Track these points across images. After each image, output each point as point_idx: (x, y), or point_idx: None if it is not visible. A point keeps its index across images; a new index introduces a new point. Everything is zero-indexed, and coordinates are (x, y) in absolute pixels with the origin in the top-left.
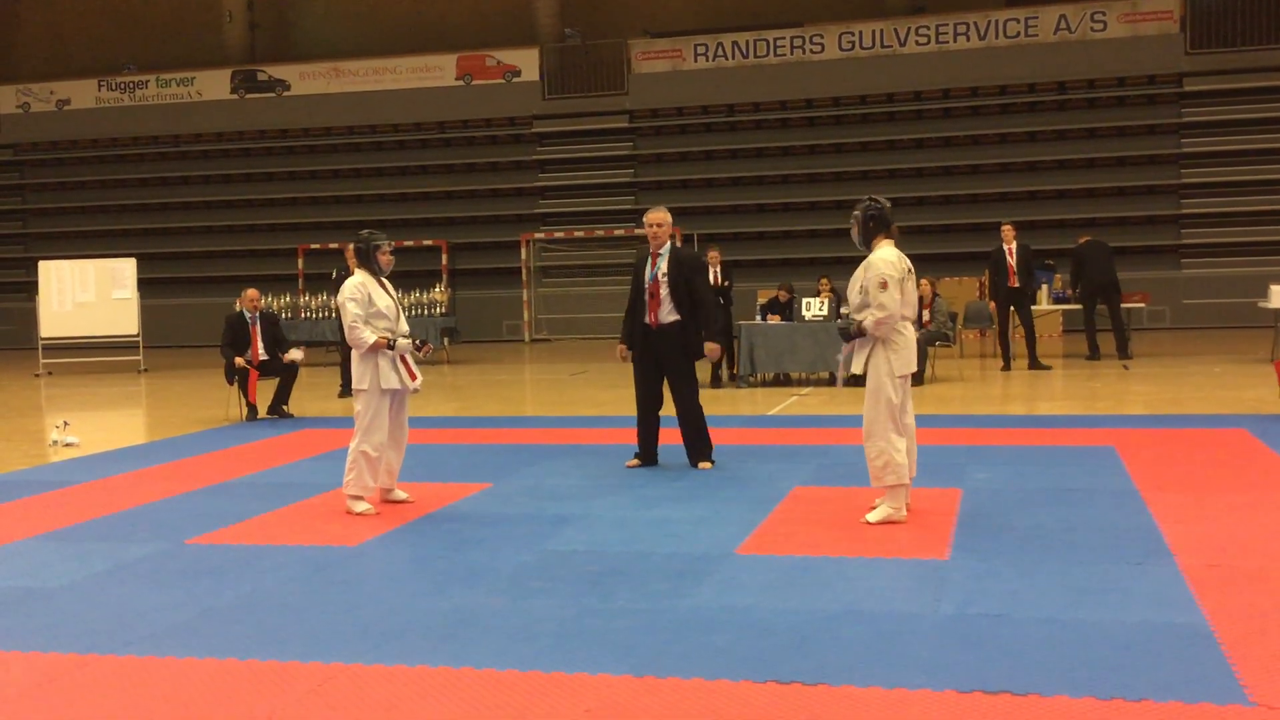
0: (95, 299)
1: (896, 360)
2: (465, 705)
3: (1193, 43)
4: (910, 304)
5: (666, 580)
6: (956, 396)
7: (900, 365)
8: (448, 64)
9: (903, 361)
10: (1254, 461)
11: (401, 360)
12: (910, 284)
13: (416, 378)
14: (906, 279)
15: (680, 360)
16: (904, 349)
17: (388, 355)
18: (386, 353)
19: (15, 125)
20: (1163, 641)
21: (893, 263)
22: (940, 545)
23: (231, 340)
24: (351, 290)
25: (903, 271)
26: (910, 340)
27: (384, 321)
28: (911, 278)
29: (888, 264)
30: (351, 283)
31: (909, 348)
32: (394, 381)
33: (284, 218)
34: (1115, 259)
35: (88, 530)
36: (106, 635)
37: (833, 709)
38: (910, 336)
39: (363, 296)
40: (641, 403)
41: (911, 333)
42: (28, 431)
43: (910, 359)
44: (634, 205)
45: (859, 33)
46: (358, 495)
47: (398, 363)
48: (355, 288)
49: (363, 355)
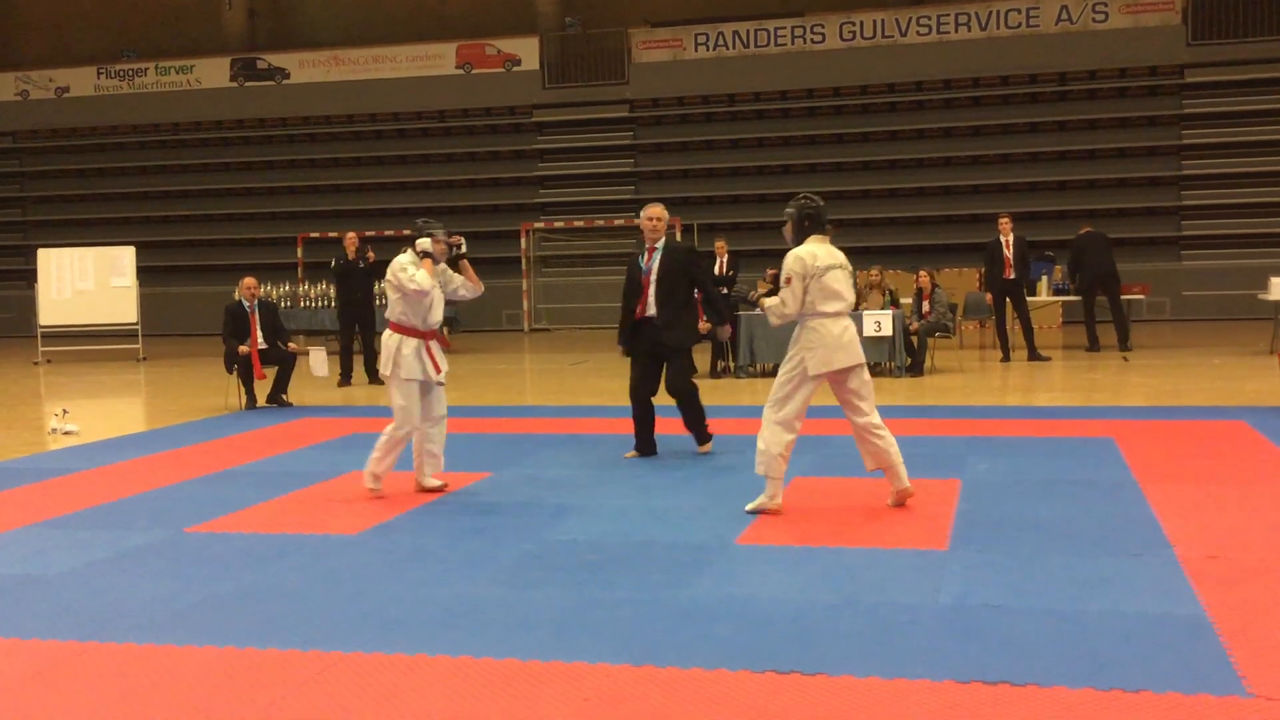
0: (94, 287)
1: (813, 359)
2: (464, 694)
3: (1194, 34)
4: (836, 297)
5: (666, 570)
6: (956, 387)
7: (817, 364)
8: (448, 53)
9: (817, 360)
10: (1253, 454)
11: (427, 351)
12: (835, 277)
13: (441, 370)
14: (828, 274)
15: (675, 346)
16: (819, 348)
17: (411, 344)
18: (410, 341)
19: (14, 113)
20: (1161, 633)
21: (802, 259)
22: (939, 536)
23: (233, 330)
24: (406, 260)
25: (818, 269)
26: (826, 338)
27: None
28: (839, 272)
29: (798, 260)
30: (404, 257)
31: (825, 346)
32: (417, 372)
33: (283, 206)
34: (1115, 250)
35: (87, 518)
36: (106, 623)
37: (831, 699)
38: (826, 334)
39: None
40: (634, 393)
41: (831, 329)
42: (27, 419)
43: (828, 358)
44: (634, 195)
45: (860, 23)
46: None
47: (423, 354)
48: (409, 259)
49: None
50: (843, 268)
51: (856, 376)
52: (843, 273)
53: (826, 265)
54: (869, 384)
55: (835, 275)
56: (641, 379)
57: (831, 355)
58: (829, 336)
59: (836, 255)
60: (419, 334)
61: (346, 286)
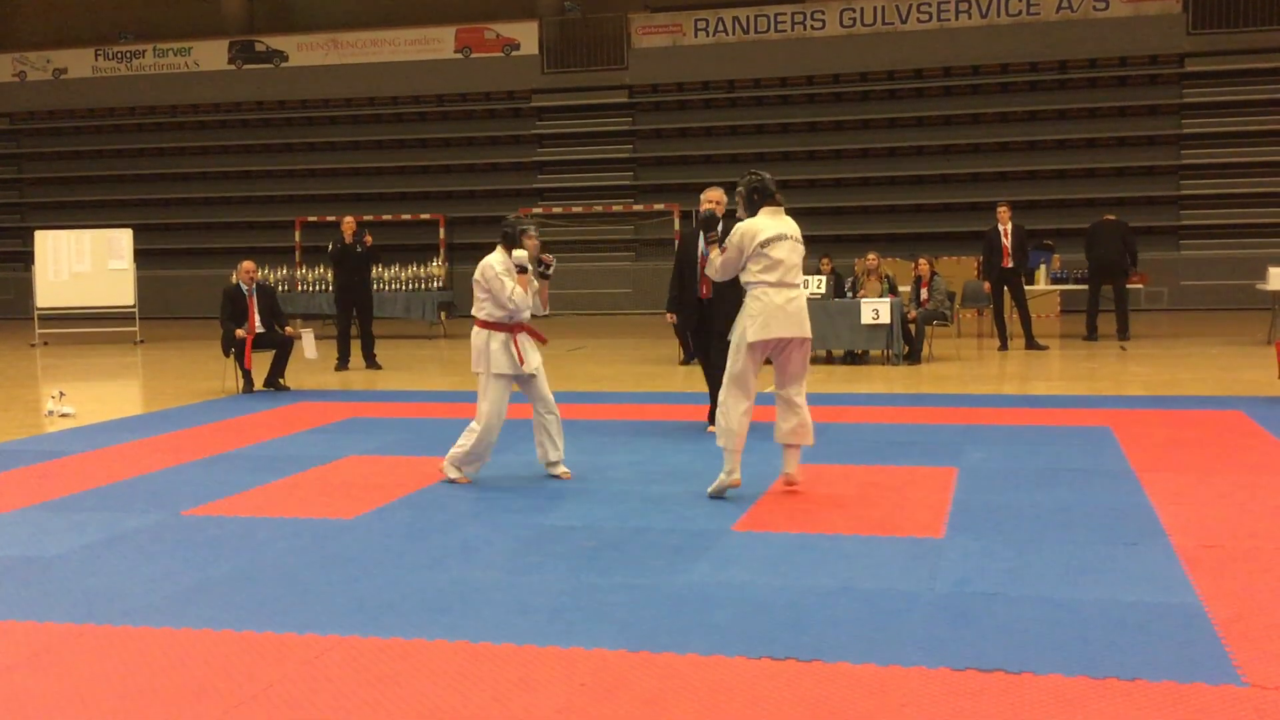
0: (91, 269)
1: (751, 326)
2: (461, 678)
3: (1195, 23)
4: (775, 266)
5: (663, 556)
6: (953, 376)
7: (755, 332)
8: (446, 36)
9: (758, 327)
10: (1250, 443)
11: (514, 344)
12: (780, 247)
13: (525, 361)
14: (771, 244)
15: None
16: (759, 316)
17: (499, 339)
18: (498, 336)
19: (11, 94)
20: (1157, 621)
21: (744, 231)
22: (936, 524)
23: (230, 313)
24: (500, 265)
25: (761, 240)
26: (768, 306)
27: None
28: (787, 242)
29: (739, 231)
30: (496, 259)
31: (766, 314)
32: (507, 367)
33: (281, 190)
34: (1131, 239)
35: (84, 500)
36: (103, 605)
37: (827, 685)
38: (769, 303)
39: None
40: (712, 376)
41: (774, 298)
42: (24, 401)
43: (768, 324)
44: (633, 181)
45: (860, 9)
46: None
47: (510, 347)
48: (502, 264)
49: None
50: (791, 238)
51: (798, 352)
52: (790, 243)
53: (771, 236)
54: (807, 365)
55: (780, 246)
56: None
57: (769, 323)
58: (771, 305)
59: (785, 226)
60: (507, 328)
61: (344, 270)
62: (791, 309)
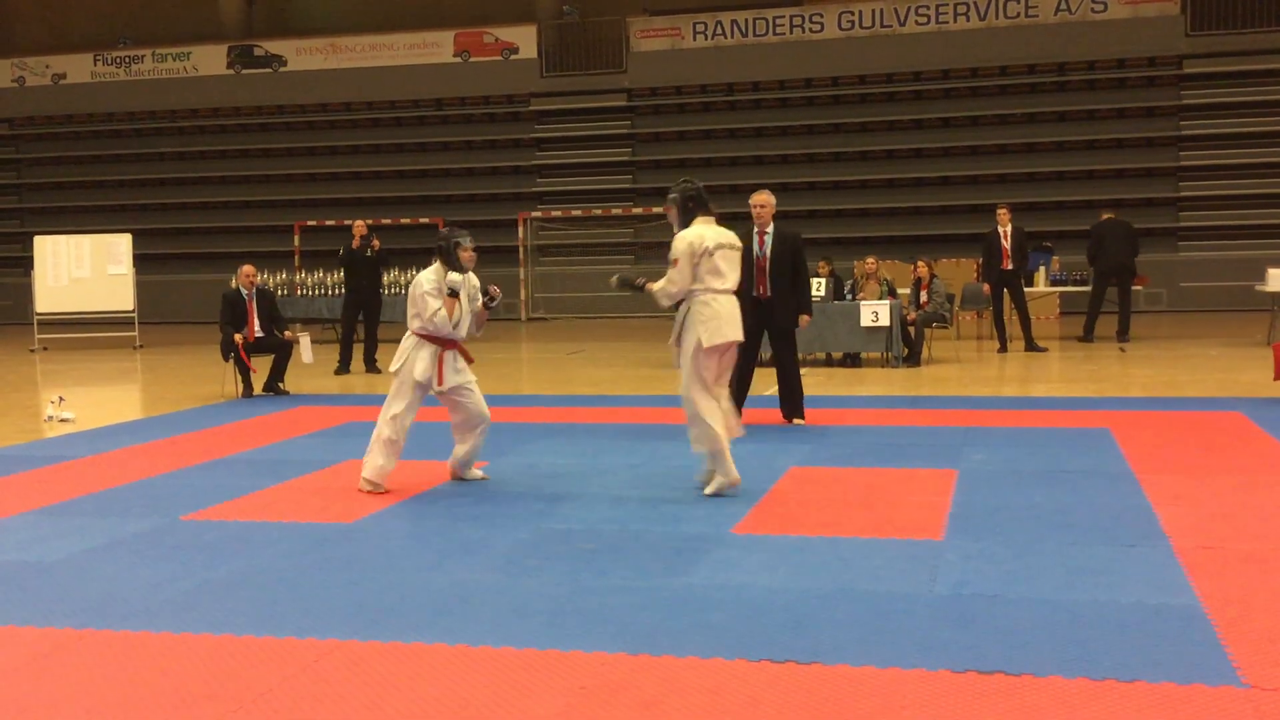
0: (91, 274)
1: (705, 332)
2: (460, 682)
3: (1193, 25)
4: (721, 274)
5: (662, 559)
6: (953, 378)
7: (709, 337)
8: (445, 40)
9: (710, 333)
10: (1249, 444)
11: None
12: (723, 256)
13: (444, 382)
14: (717, 253)
15: (786, 326)
16: (711, 321)
17: (429, 349)
18: (428, 346)
19: (10, 99)
20: (1156, 623)
21: (689, 240)
22: (935, 526)
23: (230, 318)
24: (430, 284)
25: (707, 249)
26: (719, 312)
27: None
28: (728, 250)
29: (684, 242)
30: (430, 275)
31: (718, 319)
32: (422, 375)
33: (280, 194)
34: (1138, 240)
35: (83, 505)
36: (102, 610)
37: (827, 688)
38: (719, 309)
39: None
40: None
41: (724, 304)
42: (23, 406)
43: (720, 329)
44: (631, 184)
45: (859, 12)
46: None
47: (434, 361)
48: (432, 282)
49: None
50: (731, 247)
51: (729, 354)
52: (731, 252)
53: (714, 244)
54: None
55: (723, 254)
56: (746, 359)
57: (723, 327)
58: (722, 310)
59: (724, 235)
60: (438, 342)
61: (353, 274)
62: (735, 315)
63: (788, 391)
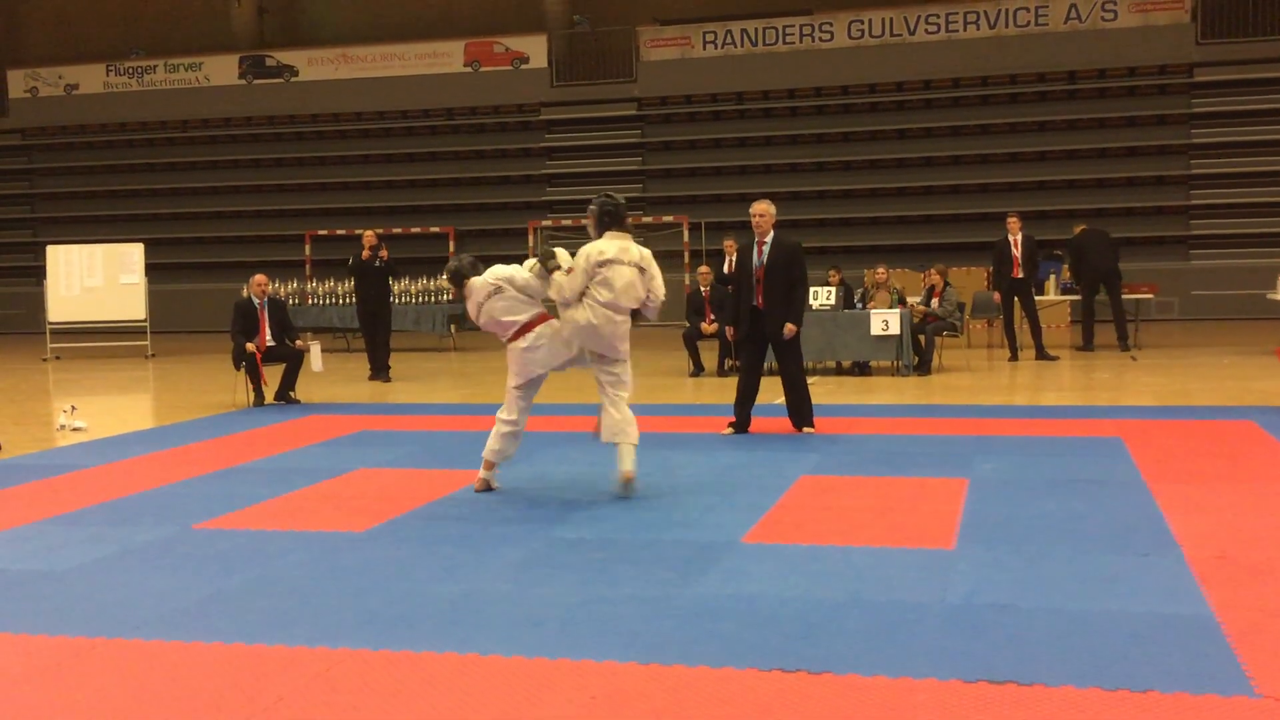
0: (103, 284)
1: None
2: (471, 692)
3: (1204, 33)
4: (610, 286)
5: (672, 568)
6: (964, 386)
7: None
8: (456, 50)
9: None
10: (1261, 453)
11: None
12: (618, 273)
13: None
14: (610, 268)
15: (776, 335)
16: (554, 338)
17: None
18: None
19: (23, 109)
20: (1169, 633)
21: (589, 254)
22: (947, 535)
23: (241, 327)
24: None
25: (602, 263)
26: (586, 326)
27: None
28: (625, 268)
29: (584, 254)
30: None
31: (581, 330)
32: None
33: (291, 204)
34: (1120, 248)
35: (95, 514)
36: (114, 619)
37: (838, 698)
38: (587, 320)
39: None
40: (744, 382)
41: (593, 316)
42: (36, 416)
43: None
44: (641, 193)
45: (869, 21)
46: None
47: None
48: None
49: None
50: (633, 266)
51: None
52: (628, 270)
53: (610, 259)
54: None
55: (618, 270)
56: (752, 369)
57: (579, 334)
58: (588, 324)
59: (630, 253)
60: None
61: (362, 284)
62: (605, 331)
63: (796, 400)
